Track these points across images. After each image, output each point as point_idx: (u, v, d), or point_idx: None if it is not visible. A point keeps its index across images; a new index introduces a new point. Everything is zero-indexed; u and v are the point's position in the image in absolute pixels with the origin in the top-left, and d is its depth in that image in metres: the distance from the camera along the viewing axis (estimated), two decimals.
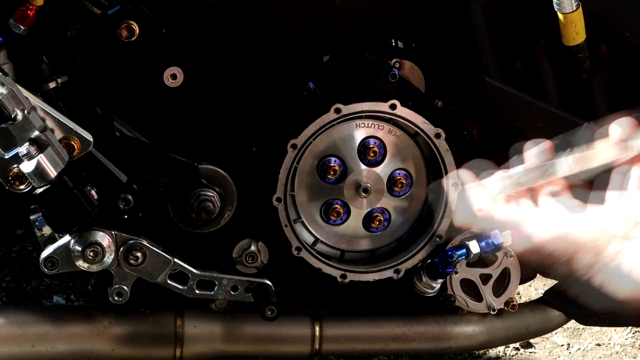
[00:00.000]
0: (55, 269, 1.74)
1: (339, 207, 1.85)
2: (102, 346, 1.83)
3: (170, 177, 1.79)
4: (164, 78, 1.77)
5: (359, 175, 1.84)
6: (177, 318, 1.86)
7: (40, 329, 1.81)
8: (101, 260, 1.74)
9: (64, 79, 1.78)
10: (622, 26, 1.81)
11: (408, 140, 1.85)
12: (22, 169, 1.61)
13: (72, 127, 1.68)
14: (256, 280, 1.82)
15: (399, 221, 1.89)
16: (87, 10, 1.76)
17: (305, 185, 1.84)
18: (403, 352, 2.27)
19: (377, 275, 1.88)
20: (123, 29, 1.75)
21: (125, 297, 1.78)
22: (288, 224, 1.83)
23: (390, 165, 1.85)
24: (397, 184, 1.85)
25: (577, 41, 1.79)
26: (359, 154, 1.83)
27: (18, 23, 1.71)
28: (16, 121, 1.59)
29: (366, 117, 1.82)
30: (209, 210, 1.78)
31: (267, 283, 1.81)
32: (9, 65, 1.74)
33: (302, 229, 1.87)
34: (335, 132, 1.82)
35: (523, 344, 2.51)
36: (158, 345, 1.85)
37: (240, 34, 1.78)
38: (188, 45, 1.78)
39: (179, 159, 1.81)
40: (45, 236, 1.76)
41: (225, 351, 1.90)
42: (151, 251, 1.77)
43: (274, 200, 1.81)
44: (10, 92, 1.59)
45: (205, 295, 1.82)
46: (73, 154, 1.68)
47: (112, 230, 1.75)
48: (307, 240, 1.87)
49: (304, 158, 1.82)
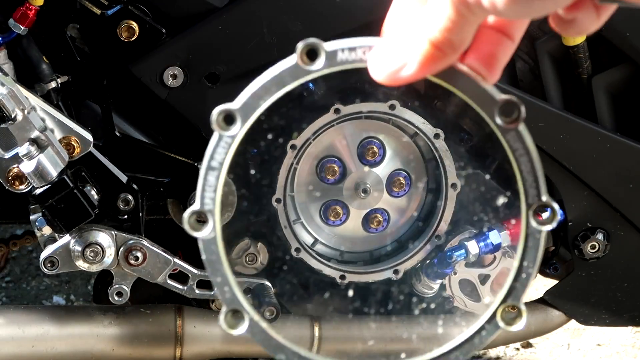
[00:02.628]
0: (55, 269, 1.74)
1: (338, 208, 1.85)
2: (102, 346, 1.83)
3: (171, 177, 1.80)
4: (164, 78, 1.77)
5: (358, 176, 1.84)
6: (177, 318, 1.86)
7: (40, 329, 1.81)
8: (101, 260, 1.74)
9: (64, 79, 1.78)
10: (623, 26, 1.81)
11: (407, 140, 1.85)
12: (22, 169, 1.61)
13: (72, 127, 1.68)
14: (256, 281, 1.82)
15: (398, 221, 1.89)
16: (87, 10, 1.76)
17: (305, 186, 1.84)
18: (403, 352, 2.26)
19: (377, 275, 1.88)
20: (123, 29, 1.75)
21: (125, 297, 1.78)
22: (287, 225, 1.83)
23: (389, 165, 1.85)
24: (396, 185, 1.85)
25: (577, 41, 1.79)
26: (358, 154, 1.83)
27: (18, 23, 1.71)
28: (16, 121, 1.60)
29: (365, 118, 1.82)
30: None
31: (266, 284, 1.81)
32: (9, 65, 1.74)
33: (302, 229, 1.87)
34: (335, 133, 1.82)
35: (523, 344, 2.51)
36: (158, 345, 1.85)
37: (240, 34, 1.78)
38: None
39: (179, 159, 1.81)
40: (45, 236, 1.76)
41: (225, 351, 1.90)
42: (151, 251, 1.77)
43: (273, 201, 1.81)
44: (10, 92, 1.59)
45: (205, 295, 1.82)
46: (73, 154, 1.68)
47: (112, 230, 1.75)
48: (307, 241, 1.87)
49: (303, 159, 1.82)
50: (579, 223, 1.88)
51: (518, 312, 0.81)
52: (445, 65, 0.80)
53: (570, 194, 1.86)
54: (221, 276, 0.81)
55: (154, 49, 1.77)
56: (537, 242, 0.80)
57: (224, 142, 0.79)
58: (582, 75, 1.84)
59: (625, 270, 1.92)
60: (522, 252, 0.80)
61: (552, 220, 0.80)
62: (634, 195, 1.87)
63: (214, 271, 0.81)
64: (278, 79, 0.79)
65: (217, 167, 0.79)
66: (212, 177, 0.79)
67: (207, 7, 1.77)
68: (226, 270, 0.81)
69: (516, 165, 0.80)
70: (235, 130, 0.79)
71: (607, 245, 1.89)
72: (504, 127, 0.80)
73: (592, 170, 1.84)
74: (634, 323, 1.99)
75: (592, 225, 1.89)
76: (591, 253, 1.90)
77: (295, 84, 0.79)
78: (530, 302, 2.03)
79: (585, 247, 1.89)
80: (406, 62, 0.80)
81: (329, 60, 0.79)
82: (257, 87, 0.79)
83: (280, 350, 0.82)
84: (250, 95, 0.79)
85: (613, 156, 1.84)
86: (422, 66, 0.79)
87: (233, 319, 0.81)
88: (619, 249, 1.90)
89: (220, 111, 0.78)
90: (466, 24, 0.79)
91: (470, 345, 0.82)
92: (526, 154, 0.80)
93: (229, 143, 0.79)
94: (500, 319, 0.81)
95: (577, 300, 1.95)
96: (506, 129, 0.80)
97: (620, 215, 1.88)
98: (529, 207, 0.80)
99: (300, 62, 0.79)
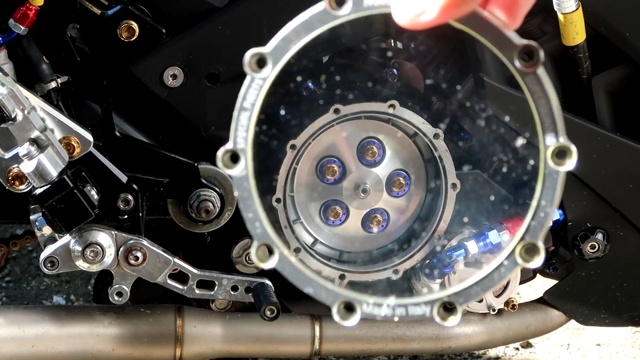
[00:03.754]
0: (55, 269, 1.74)
1: (337, 208, 1.85)
2: (102, 346, 1.83)
3: (171, 177, 1.80)
4: (164, 78, 1.77)
5: (357, 176, 1.84)
6: (177, 318, 1.86)
7: (40, 329, 1.81)
8: (101, 260, 1.74)
9: (64, 79, 1.78)
10: (623, 26, 1.81)
11: (407, 140, 1.85)
12: (22, 169, 1.61)
13: (72, 127, 1.68)
14: (256, 280, 1.82)
15: (398, 221, 1.89)
16: (87, 10, 1.76)
17: (305, 185, 1.84)
18: (403, 352, 2.27)
19: (376, 275, 1.88)
20: (123, 29, 1.75)
21: (125, 297, 1.78)
22: (287, 225, 1.83)
23: (389, 165, 1.85)
24: (396, 185, 1.85)
25: (577, 41, 1.79)
26: (357, 154, 1.83)
27: (18, 23, 1.71)
28: (16, 121, 1.60)
29: (365, 118, 1.82)
30: (209, 210, 1.79)
31: (267, 283, 1.82)
32: (9, 65, 1.74)
33: (301, 229, 1.87)
34: (334, 133, 1.82)
35: (523, 344, 2.50)
36: (158, 345, 1.85)
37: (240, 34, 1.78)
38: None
39: (179, 159, 1.81)
40: (45, 236, 1.76)
41: (225, 351, 1.90)
42: (151, 251, 1.77)
43: (273, 201, 1.81)
44: (10, 92, 1.59)
45: (205, 295, 1.82)
46: (73, 154, 1.69)
47: (112, 230, 1.75)
48: (306, 241, 1.87)
49: (303, 159, 1.82)
50: (578, 223, 1.88)
51: (536, 249, 0.83)
52: (467, 11, 0.82)
53: (570, 194, 1.86)
54: (252, 212, 0.84)
55: (154, 49, 1.78)
56: (554, 182, 0.83)
57: (256, 84, 0.82)
58: (582, 75, 1.84)
59: (625, 270, 1.92)
60: (540, 191, 0.83)
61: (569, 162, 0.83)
62: (634, 195, 1.87)
63: (245, 207, 0.84)
64: (307, 23, 0.83)
65: (250, 107, 0.83)
66: (245, 118, 0.83)
67: (207, 7, 1.78)
68: (257, 207, 0.84)
69: (534, 108, 0.83)
70: (267, 73, 0.82)
71: (607, 246, 1.89)
72: (523, 70, 0.83)
73: (592, 170, 1.84)
74: (633, 323, 1.99)
75: (591, 225, 1.89)
76: (591, 253, 1.90)
77: (323, 28, 0.83)
78: (530, 302, 2.03)
79: (585, 247, 1.89)
80: (428, 6, 0.81)
81: (356, 6, 0.82)
82: (288, 31, 0.83)
83: (308, 284, 0.85)
84: (281, 38, 0.83)
85: (613, 156, 1.84)
86: (444, 10, 0.81)
87: (263, 253, 0.84)
88: (618, 249, 1.90)
89: (253, 54, 0.82)
90: None
91: (490, 281, 0.84)
92: (544, 96, 0.82)
93: (260, 85, 0.82)
94: (519, 256, 0.83)
95: (577, 300, 1.95)
96: (525, 73, 0.83)
97: (620, 215, 1.88)
98: (546, 149, 0.83)
99: (329, 7, 0.82)
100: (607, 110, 1.86)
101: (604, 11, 1.80)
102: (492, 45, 0.84)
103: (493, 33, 0.83)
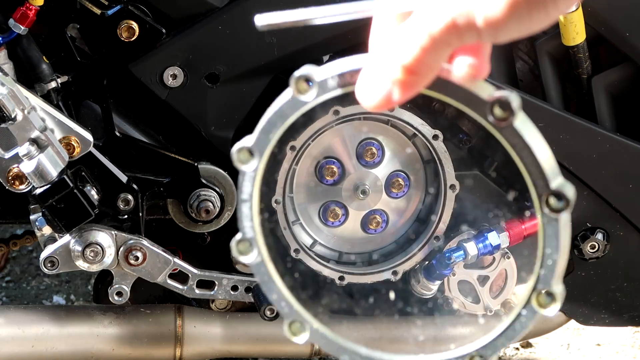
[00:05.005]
0: (55, 269, 1.75)
1: (337, 209, 1.85)
2: (102, 346, 1.83)
3: (171, 177, 1.80)
4: (164, 78, 1.78)
5: (357, 177, 1.84)
6: (177, 318, 1.86)
7: (40, 329, 1.82)
8: (101, 260, 1.75)
9: (64, 79, 1.78)
10: (623, 26, 1.81)
11: (406, 141, 1.85)
12: (22, 169, 1.61)
13: (72, 127, 1.68)
14: (256, 280, 1.82)
15: (397, 223, 1.89)
16: (87, 10, 1.76)
17: (304, 187, 1.84)
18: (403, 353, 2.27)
19: (376, 277, 1.88)
20: (123, 29, 1.75)
21: (125, 297, 1.78)
22: (286, 226, 1.83)
23: (388, 166, 1.85)
24: (395, 186, 1.85)
25: (577, 41, 1.79)
26: (357, 155, 1.83)
27: (18, 23, 1.71)
28: (16, 121, 1.60)
29: (364, 119, 1.82)
30: (209, 210, 1.79)
31: None
32: (9, 65, 1.74)
33: (301, 230, 1.87)
34: (334, 134, 1.82)
35: (523, 343, 2.51)
36: (158, 345, 1.85)
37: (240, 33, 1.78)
38: None
39: (179, 159, 1.81)
40: (45, 236, 1.77)
41: (225, 351, 1.90)
42: (151, 251, 1.77)
43: (272, 202, 1.81)
44: (10, 92, 1.59)
45: (205, 295, 1.82)
46: (73, 154, 1.69)
47: (112, 230, 1.75)
48: (306, 242, 1.87)
49: (302, 160, 1.82)
50: (578, 223, 1.88)
51: (552, 296, 0.82)
52: (429, 81, 0.79)
53: None
54: (276, 293, 0.86)
55: (154, 49, 1.78)
56: (556, 229, 0.80)
57: (249, 177, 0.84)
58: (582, 76, 1.84)
59: (625, 270, 1.92)
60: (543, 240, 0.81)
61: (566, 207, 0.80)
62: (634, 195, 1.87)
63: (268, 290, 0.86)
64: (280, 112, 0.83)
65: (248, 199, 0.84)
66: (246, 209, 0.84)
67: (207, 7, 1.78)
68: (280, 287, 0.86)
69: (519, 160, 0.80)
70: (255, 165, 0.83)
71: (607, 245, 1.89)
72: (497, 125, 0.79)
73: (592, 170, 1.84)
74: (633, 323, 1.99)
75: (591, 225, 1.89)
76: (591, 253, 1.90)
77: (295, 115, 0.83)
78: None
79: (585, 247, 1.89)
80: (389, 88, 0.80)
81: (322, 89, 0.82)
82: (264, 123, 0.83)
83: (343, 352, 0.86)
84: (260, 130, 0.83)
85: (613, 156, 1.84)
86: (406, 89, 0.79)
87: (294, 328, 0.86)
88: (618, 249, 1.90)
89: (238, 148, 0.83)
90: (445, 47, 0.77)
91: (513, 331, 0.84)
92: (526, 147, 0.79)
93: (252, 177, 0.84)
94: (536, 304, 0.83)
95: (577, 300, 1.95)
96: (500, 127, 0.79)
97: (620, 215, 1.88)
98: (539, 198, 0.80)
99: (296, 94, 0.82)
100: (607, 111, 1.86)
101: (604, 11, 1.80)
102: (462, 105, 0.80)
103: (461, 91, 0.80)
